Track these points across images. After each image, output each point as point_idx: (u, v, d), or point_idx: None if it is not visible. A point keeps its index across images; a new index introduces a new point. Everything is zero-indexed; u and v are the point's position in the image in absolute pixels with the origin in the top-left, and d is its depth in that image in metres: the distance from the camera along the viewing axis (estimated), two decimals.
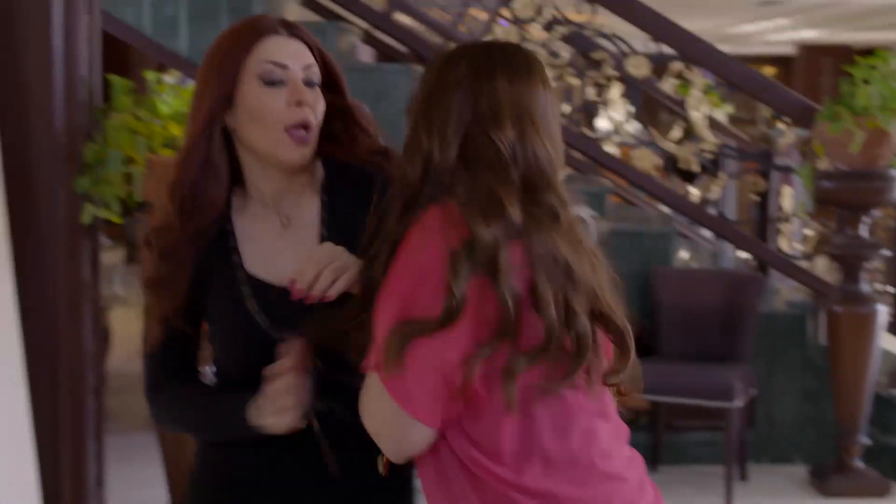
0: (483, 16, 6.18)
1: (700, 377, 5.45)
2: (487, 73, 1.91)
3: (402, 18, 6.31)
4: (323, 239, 2.04)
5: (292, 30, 2.03)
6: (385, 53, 7.35)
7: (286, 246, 2.04)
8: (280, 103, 1.98)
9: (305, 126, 1.99)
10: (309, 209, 2.07)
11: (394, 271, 1.83)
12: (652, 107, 8.12)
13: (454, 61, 1.93)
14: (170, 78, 5.41)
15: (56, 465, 4.49)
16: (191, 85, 4.52)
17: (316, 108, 2.01)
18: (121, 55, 9.21)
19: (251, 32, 2.01)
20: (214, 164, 2.01)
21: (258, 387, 1.94)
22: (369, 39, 7.09)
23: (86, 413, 4.57)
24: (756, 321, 5.73)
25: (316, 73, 2.03)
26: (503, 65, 1.93)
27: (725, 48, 17.23)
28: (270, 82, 1.99)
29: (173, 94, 4.43)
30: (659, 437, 5.85)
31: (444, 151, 1.89)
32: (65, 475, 4.51)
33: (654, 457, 5.84)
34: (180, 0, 5.70)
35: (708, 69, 5.98)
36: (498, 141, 1.89)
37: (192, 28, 5.72)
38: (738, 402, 5.37)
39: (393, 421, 1.81)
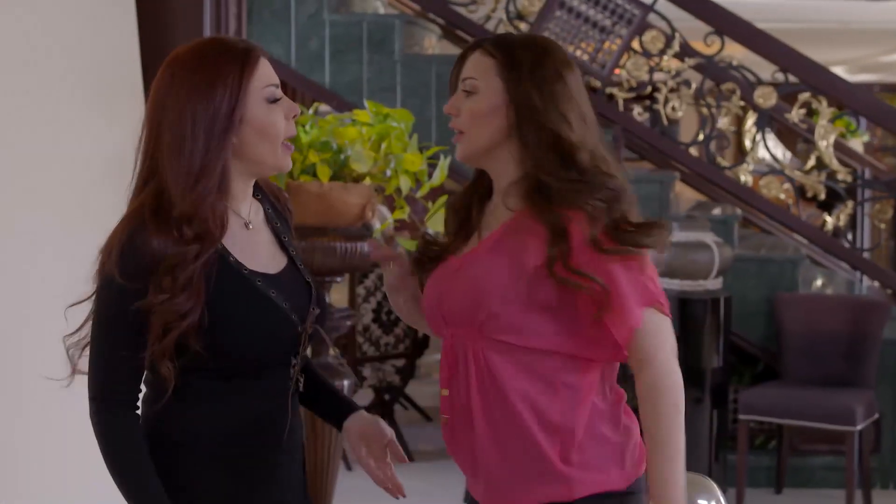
0: (614, 47, 6.37)
1: (822, 401, 5.55)
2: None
3: None
4: (277, 234, 2.29)
5: (264, 51, 2.23)
6: None
7: (256, 243, 2.25)
8: (282, 119, 2.19)
9: (293, 136, 2.24)
10: (258, 211, 2.30)
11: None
12: (790, 137, 8.22)
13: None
14: (323, 108, 5.77)
15: None
16: (331, 115, 4.85)
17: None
18: None
19: (249, 55, 2.17)
20: (227, 181, 2.17)
21: (279, 368, 2.20)
22: None
23: None
24: (880, 347, 5.80)
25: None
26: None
27: (875, 77, 17.05)
28: (274, 100, 2.19)
29: (313, 124, 4.71)
30: (783, 459, 5.95)
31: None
32: None
33: (778, 479, 5.94)
34: (324, 35, 6.04)
35: (834, 97, 6.09)
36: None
37: (333, 62, 6.05)
38: (860, 426, 5.46)
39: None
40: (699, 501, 2.45)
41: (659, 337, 2.17)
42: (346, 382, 4.75)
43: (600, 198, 2.16)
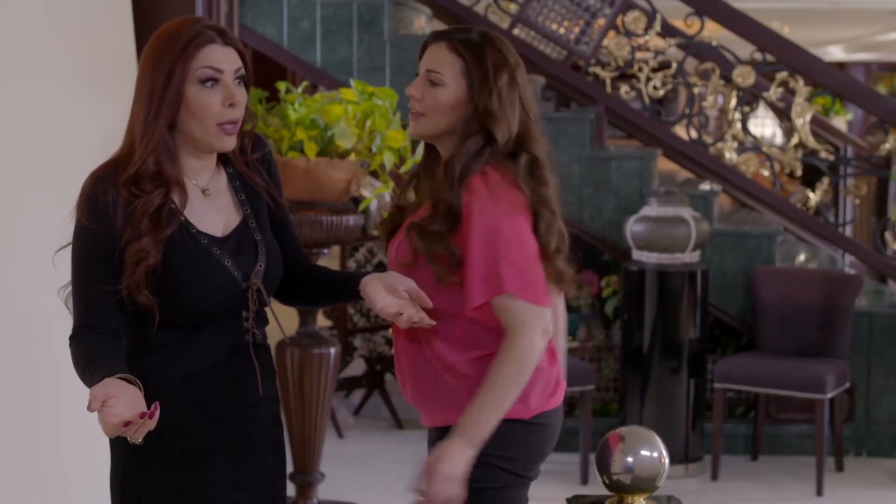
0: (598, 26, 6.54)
1: (794, 370, 5.74)
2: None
3: (522, 33, 6.70)
4: (239, 200, 2.55)
5: (226, 38, 2.47)
6: None
7: (211, 207, 2.51)
8: (217, 102, 2.43)
9: (234, 122, 2.45)
10: (220, 179, 2.56)
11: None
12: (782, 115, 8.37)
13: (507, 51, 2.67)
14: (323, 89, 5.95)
15: None
16: (319, 93, 5.01)
17: (242, 104, 2.48)
18: (265, 67, 9.78)
19: (195, 40, 2.42)
20: (171, 149, 2.45)
21: (231, 321, 2.46)
22: None
23: None
24: (852, 319, 5.99)
25: (243, 74, 2.48)
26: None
27: (872, 56, 17.10)
28: (208, 82, 2.42)
29: (301, 102, 4.88)
30: (759, 427, 6.13)
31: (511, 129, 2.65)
32: None
33: (754, 446, 6.13)
34: (315, 16, 6.22)
35: (810, 77, 6.26)
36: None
37: (325, 42, 6.23)
38: (830, 395, 5.65)
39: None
40: (642, 452, 2.62)
41: (517, 317, 2.55)
42: (332, 350, 4.95)
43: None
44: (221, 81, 2.43)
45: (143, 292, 2.36)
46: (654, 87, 6.44)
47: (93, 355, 2.34)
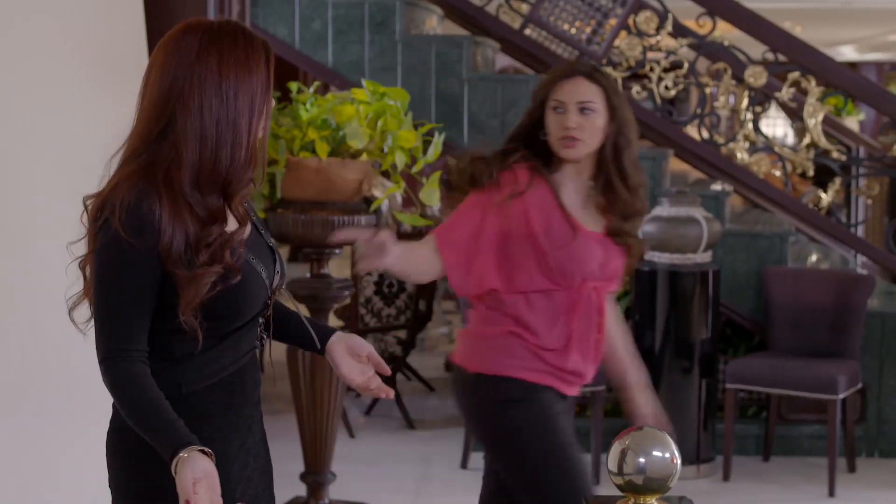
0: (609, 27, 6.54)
1: (806, 370, 5.73)
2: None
3: (534, 33, 6.70)
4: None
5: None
6: (526, 63, 7.75)
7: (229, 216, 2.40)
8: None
9: None
10: None
11: None
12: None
13: None
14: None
15: None
16: (331, 94, 5.02)
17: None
18: (276, 67, 9.76)
19: (270, 51, 2.34)
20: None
21: (253, 327, 2.40)
22: (507, 49, 7.50)
23: None
24: (864, 319, 5.98)
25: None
26: None
27: (885, 56, 17.04)
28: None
29: (313, 102, 4.89)
30: (770, 428, 6.12)
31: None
32: None
33: (766, 447, 6.12)
34: (327, 16, 6.22)
35: (823, 77, 6.25)
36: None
37: (336, 42, 6.24)
38: (842, 395, 5.64)
39: None
40: (654, 453, 2.61)
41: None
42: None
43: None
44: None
45: (193, 321, 2.27)
46: (666, 88, 6.44)
47: (152, 406, 2.24)
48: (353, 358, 2.52)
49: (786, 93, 6.40)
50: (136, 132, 2.32)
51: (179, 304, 2.25)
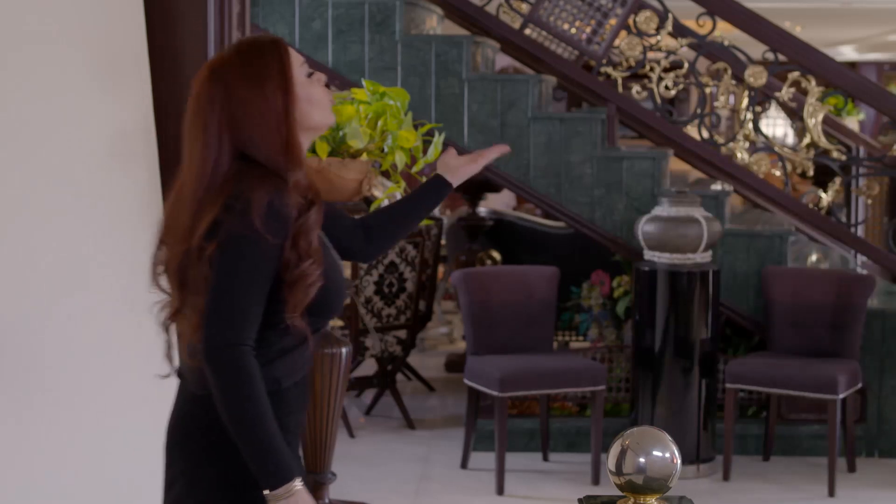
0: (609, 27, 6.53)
1: (806, 370, 5.73)
2: None
3: (534, 33, 6.69)
4: None
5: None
6: (526, 63, 7.75)
7: None
8: (320, 88, 2.62)
9: None
10: None
11: None
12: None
13: None
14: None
15: None
16: (333, 94, 5.02)
17: None
18: None
19: (279, 45, 2.54)
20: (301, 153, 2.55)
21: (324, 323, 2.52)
22: (507, 49, 7.50)
23: None
24: (864, 319, 5.98)
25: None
26: None
27: (884, 56, 17.06)
28: (309, 75, 2.59)
29: None
30: (771, 428, 6.12)
31: None
32: None
33: (766, 447, 6.12)
34: (327, 16, 6.22)
35: (822, 77, 6.25)
36: None
37: (336, 42, 6.24)
38: (842, 395, 5.64)
39: None
40: (654, 452, 2.61)
41: None
42: (343, 350, 4.95)
43: None
44: (312, 71, 2.64)
45: (301, 318, 2.41)
46: (666, 87, 6.43)
47: (266, 417, 2.33)
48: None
49: (786, 93, 6.41)
50: (194, 172, 2.47)
51: (287, 306, 2.38)
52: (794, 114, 7.62)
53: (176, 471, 2.49)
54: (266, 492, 2.32)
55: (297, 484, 2.32)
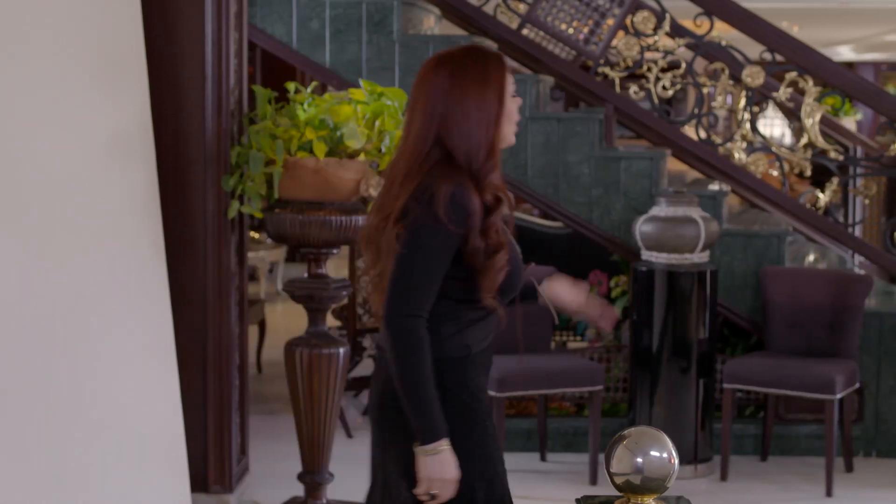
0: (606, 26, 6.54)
1: (803, 370, 5.73)
2: None
3: (532, 33, 6.69)
4: None
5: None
6: (523, 63, 7.75)
7: None
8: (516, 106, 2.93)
9: None
10: None
11: None
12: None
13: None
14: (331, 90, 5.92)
15: (203, 432, 5.02)
16: (329, 94, 5.01)
17: None
18: (274, 67, 9.78)
19: (503, 61, 2.84)
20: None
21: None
22: (504, 49, 7.50)
23: (230, 387, 5.09)
24: (861, 319, 5.98)
25: None
26: None
27: (882, 56, 17.06)
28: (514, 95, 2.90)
29: (311, 102, 4.89)
30: (768, 428, 6.13)
31: None
32: (210, 442, 5.03)
33: (763, 447, 6.13)
34: (324, 16, 6.22)
35: (820, 77, 6.25)
36: None
37: (334, 42, 6.23)
38: (839, 395, 5.64)
39: None
40: (652, 453, 2.62)
41: None
42: (341, 350, 4.96)
43: None
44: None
45: (492, 297, 2.80)
46: (664, 87, 6.44)
47: (429, 382, 2.72)
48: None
49: (783, 93, 6.41)
50: (407, 151, 2.81)
51: (481, 288, 2.79)
52: (792, 114, 7.62)
53: (385, 437, 2.87)
54: (417, 445, 2.71)
55: (444, 445, 2.70)
